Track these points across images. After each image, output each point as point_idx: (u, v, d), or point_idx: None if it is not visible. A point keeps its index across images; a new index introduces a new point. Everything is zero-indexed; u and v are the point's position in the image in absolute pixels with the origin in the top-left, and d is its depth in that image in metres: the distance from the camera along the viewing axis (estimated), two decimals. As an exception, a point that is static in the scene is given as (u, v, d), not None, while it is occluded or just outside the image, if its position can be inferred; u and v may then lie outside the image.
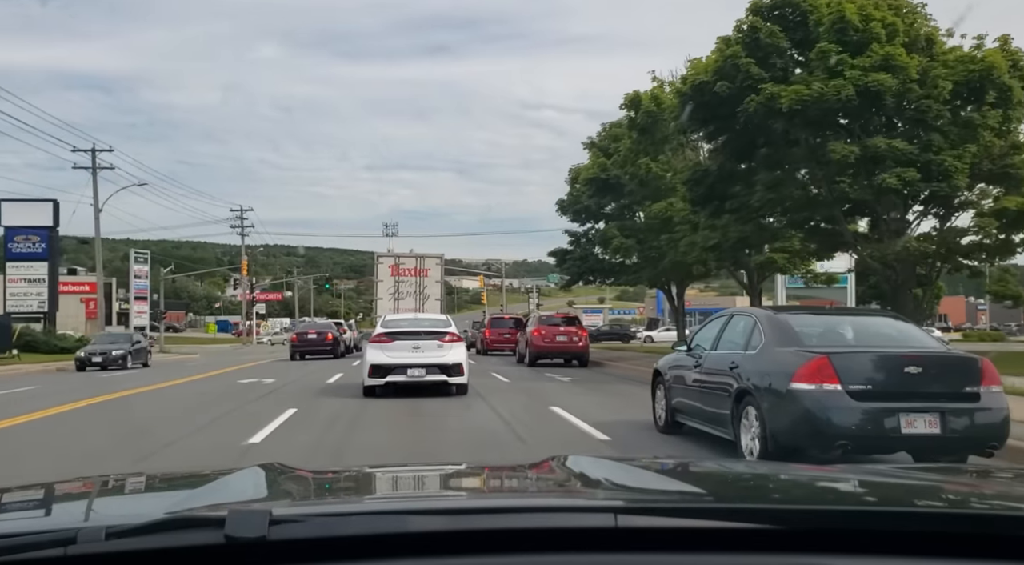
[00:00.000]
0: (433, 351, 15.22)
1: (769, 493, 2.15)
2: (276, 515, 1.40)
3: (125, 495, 2.29)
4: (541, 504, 1.78)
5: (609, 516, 1.46)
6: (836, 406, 7.13)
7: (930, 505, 1.85)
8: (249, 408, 14.31)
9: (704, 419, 9.15)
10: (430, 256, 35.07)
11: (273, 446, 9.32)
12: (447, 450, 9.44)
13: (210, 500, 1.79)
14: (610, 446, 9.39)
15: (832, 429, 7.09)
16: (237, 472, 2.29)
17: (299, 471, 2.45)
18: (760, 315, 8.65)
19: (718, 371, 8.71)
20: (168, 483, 2.45)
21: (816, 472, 2.65)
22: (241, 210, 69.73)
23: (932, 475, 2.45)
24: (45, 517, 1.88)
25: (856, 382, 7.20)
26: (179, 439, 10.42)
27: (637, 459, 2.95)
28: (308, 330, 36.69)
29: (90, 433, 11.54)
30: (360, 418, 12.42)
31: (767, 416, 7.55)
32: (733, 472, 2.58)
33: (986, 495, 2.06)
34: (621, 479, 2.19)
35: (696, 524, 1.49)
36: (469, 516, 1.54)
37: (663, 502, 1.73)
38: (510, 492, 2.27)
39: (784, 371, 7.50)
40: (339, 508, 1.77)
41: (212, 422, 12.44)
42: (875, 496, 2.12)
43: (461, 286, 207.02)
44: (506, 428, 11.23)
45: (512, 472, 2.71)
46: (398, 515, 1.55)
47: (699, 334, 9.92)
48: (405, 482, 2.51)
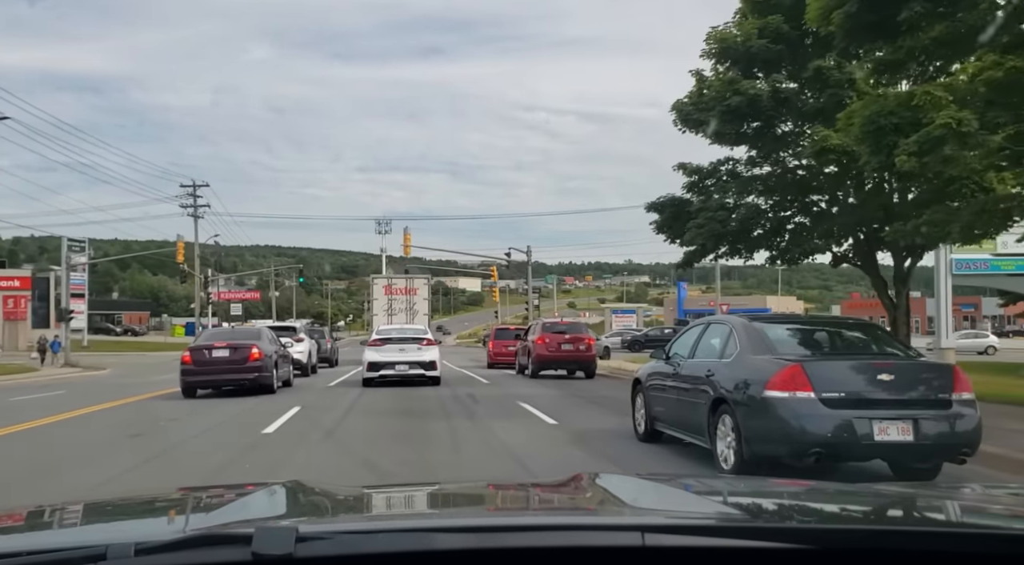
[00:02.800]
0: (414, 352, 20.27)
1: (799, 512, 2.13)
2: (303, 532, 1.41)
3: (154, 512, 2.30)
4: (568, 522, 1.78)
5: (636, 535, 1.46)
6: (809, 413, 7.13)
7: (963, 524, 1.85)
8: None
9: (682, 427, 9.14)
10: (418, 277, 41.17)
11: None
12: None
13: (237, 517, 1.81)
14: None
15: (806, 436, 7.09)
16: (263, 489, 2.32)
17: (325, 488, 2.45)
18: (735, 323, 8.65)
19: (695, 379, 8.71)
20: (196, 500, 2.44)
21: (847, 491, 2.63)
22: (194, 185, 55.61)
23: (955, 495, 2.45)
24: (75, 533, 1.90)
25: (829, 389, 7.20)
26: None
27: (666, 477, 2.93)
28: (212, 344, 19.09)
29: None
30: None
31: (742, 424, 7.54)
32: (763, 490, 2.58)
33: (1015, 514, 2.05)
34: (649, 497, 2.20)
35: (725, 543, 1.49)
36: (496, 534, 1.53)
37: (691, 521, 1.71)
38: (537, 509, 2.25)
39: (758, 379, 7.50)
40: (365, 525, 1.78)
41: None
42: (906, 515, 2.09)
43: (457, 287, 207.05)
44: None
45: (539, 489, 2.67)
46: (425, 533, 1.54)
47: (677, 342, 9.92)
48: (431, 499, 2.52)
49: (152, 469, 8.72)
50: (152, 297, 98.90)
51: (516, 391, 19.02)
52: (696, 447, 8.77)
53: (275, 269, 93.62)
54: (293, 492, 2.28)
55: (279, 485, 2.35)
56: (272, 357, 18.91)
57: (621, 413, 12.40)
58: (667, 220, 18.89)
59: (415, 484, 3.51)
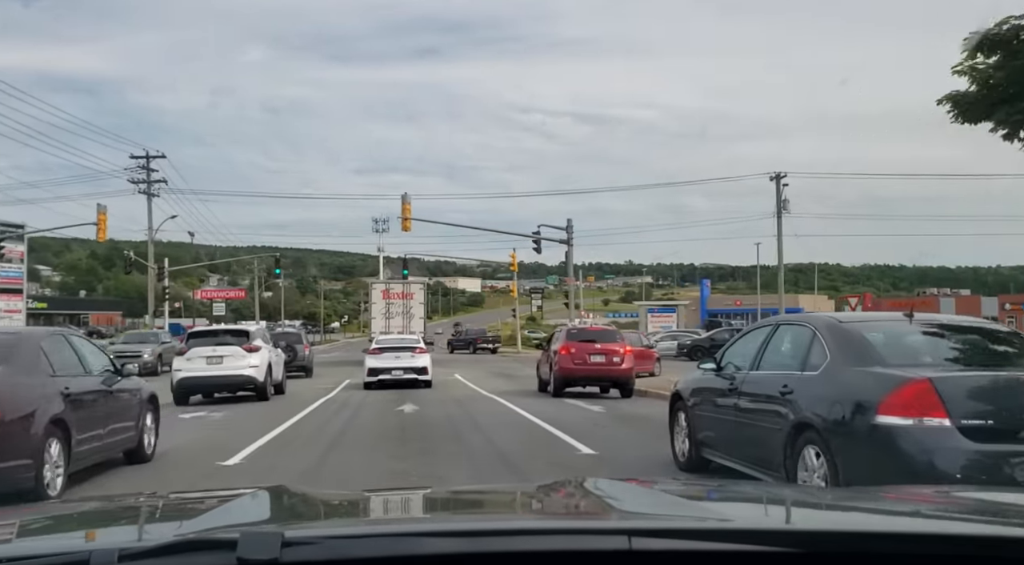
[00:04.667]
0: (408, 359, 22.18)
1: (787, 515, 2.11)
2: (288, 537, 1.40)
3: (137, 517, 2.23)
4: (555, 526, 1.81)
5: (623, 538, 1.46)
6: (944, 448, 5.09)
7: (947, 527, 1.83)
8: None
9: (742, 457, 7.10)
10: (415, 282, 42.13)
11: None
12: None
13: (222, 522, 1.81)
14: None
15: (938, 479, 5.03)
16: (248, 494, 2.29)
17: (311, 493, 2.49)
18: (820, 323, 6.54)
19: (763, 397, 6.68)
20: (180, 505, 2.44)
21: (836, 494, 2.74)
22: (147, 157, 46.36)
23: (943, 499, 2.41)
24: (58, 539, 1.86)
25: (970, 415, 5.16)
26: None
27: (654, 481, 2.94)
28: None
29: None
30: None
31: (840, 459, 5.54)
32: (751, 494, 2.58)
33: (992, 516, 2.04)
34: (637, 501, 2.17)
35: (712, 547, 1.48)
36: (483, 538, 1.52)
37: (678, 524, 1.70)
38: (524, 514, 2.25)
39: (865, 399, 5.49)
40: (352, 530, 1.76)
41: None
42: (892, 518, 2.04)
43: (456, 287, 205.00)
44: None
45: (527, 493, 2.66)
46: (411, 537, 1.55)
47: (732, 349, 7.85)
48: (419, 504, 2.49)
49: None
50: (139, 297, 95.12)
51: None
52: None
53: (252, 258, 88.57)
54: (279, 497, 2.27)
55: (265, 490, 2.32)
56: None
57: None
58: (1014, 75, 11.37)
59: (403, 489, 3.49)
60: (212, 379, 17.71)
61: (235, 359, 17.67)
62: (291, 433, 12.51)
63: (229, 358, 17.69)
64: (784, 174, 45.03)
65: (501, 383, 23.30)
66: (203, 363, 17.60)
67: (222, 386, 17.99)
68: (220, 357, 17.73)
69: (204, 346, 17.98)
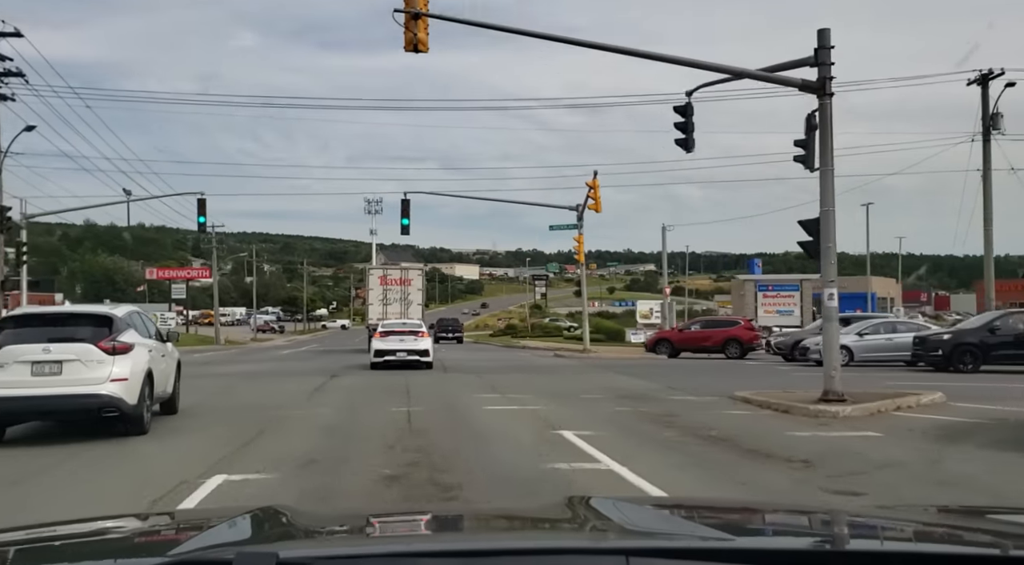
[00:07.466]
0: (412, 342, 24.79)
1: (785, 533, 2.16)
2: (283, 557, 1.40)
3: (132, 537, 2.23)
4: (552, 545, 1.80)
5: (621, 559, 1.46)
6: None
7: (940, 548, 1.83)
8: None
9: None
10: (413, 268, 41.19)
11: None
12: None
13: (217, 541, 1.79)
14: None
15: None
16: (243, 514, 2.22)
17: (307, 513, 2.43)
18: None
19: None
20: (176, 525, 2.45)
21: (833, 513, 2.61)
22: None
23: (941, 519, 2.44)
24: (53, 560, 1.85)
25: None
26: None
27: (655, 500, 3.00)
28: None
29: None
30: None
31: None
32: (750, 512, 2.59)
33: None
34: (636, 520, 2.13)
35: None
36: (480, 558, 1.51)
37: (676, 544, 1.72)
38: (522, 533, 2.20)
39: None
40: (347, 550, 1.76)
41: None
42: (886, 538, 2.05)
43: (454, 274, 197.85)
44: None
45: (526, 513, 2.67)
46: (407, 557, 1.55)
47: None
48: (415, 524, 2.45)
49: None
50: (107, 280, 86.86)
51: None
52: None
53: (208, 232, 79.60)
54: (274, 517, 2.20)
55: (260, 510, 2.26)
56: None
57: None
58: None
59: (399, 511, 3.32)
60: (38, 402, 10.18)
61: (84, 367, 10.32)
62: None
63: (73, 365, 10.30)
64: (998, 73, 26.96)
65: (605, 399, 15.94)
66: (24, 373, 10.16)
67: (56, 412, 10.50)
68: (57, 363, 10.27)
69: (29, 343, 10.34)
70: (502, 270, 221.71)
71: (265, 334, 77.81)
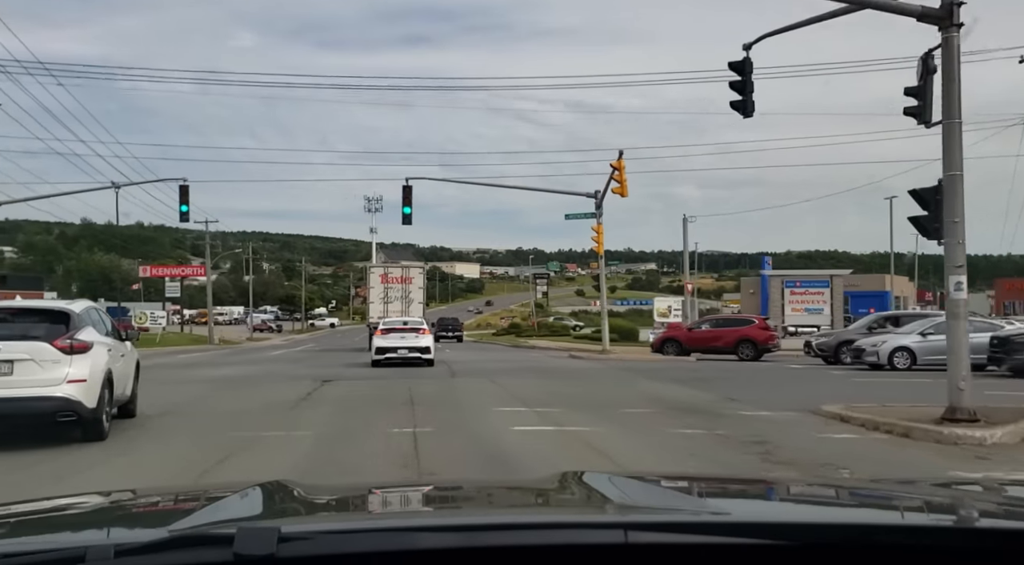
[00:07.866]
0: (413, 339, 25.27)
1: (784, 508, 2.15)
2: (285, 532, 1.37)
3: (134, 513, 2.22)
4: (551, 520, 1.80)
5: (619, 532, 1.45)
6: None
7: (939, 519, 1.83)
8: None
9: None
10: (414, 266, 41.39)
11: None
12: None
13: (218, 517, 1.76)
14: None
15: None
16: (245, 489, 2.20)
17: (308, 488, 2.40)
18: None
19: None
20: (177, 500, 2.40)
21: (831, 487, 2.66)
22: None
23: (934, 492, 2.38)
24: (54, 535, 1.82)
25: None
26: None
27: (651, 475, 2.96)
28: None
29: None
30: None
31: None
32: (749, 487, 2.61)
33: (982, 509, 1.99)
34: (634, 495, 2.13)
35: (708, 540, 1.46)
36: (479, 532, 1.51)
37: (674, 518, 1.70)
38: (521, 508, 2.22)
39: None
40: (348, 525, 1.75)
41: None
42: (886, 510, 2.09)
43: (454, 273, 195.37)
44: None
45: (525, 488, 2.64)
46: (407, 532, 1.53)
47: None
48: (415, 499, 2.48)
49: None
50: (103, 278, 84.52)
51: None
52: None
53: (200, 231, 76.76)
54: (275, 492, 2.20)
55: (261, 486, 2.21)
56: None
57: None
58: None
59: (399, 484, 3.37)
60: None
61: (39, 367, 9.32)
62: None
63: (26, 365, 9.28)
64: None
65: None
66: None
67: (6, 417, 9.35)
68: (8, 363, 9.25)
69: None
70: (502, 269, 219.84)
71: (262, 333, 76.94)
